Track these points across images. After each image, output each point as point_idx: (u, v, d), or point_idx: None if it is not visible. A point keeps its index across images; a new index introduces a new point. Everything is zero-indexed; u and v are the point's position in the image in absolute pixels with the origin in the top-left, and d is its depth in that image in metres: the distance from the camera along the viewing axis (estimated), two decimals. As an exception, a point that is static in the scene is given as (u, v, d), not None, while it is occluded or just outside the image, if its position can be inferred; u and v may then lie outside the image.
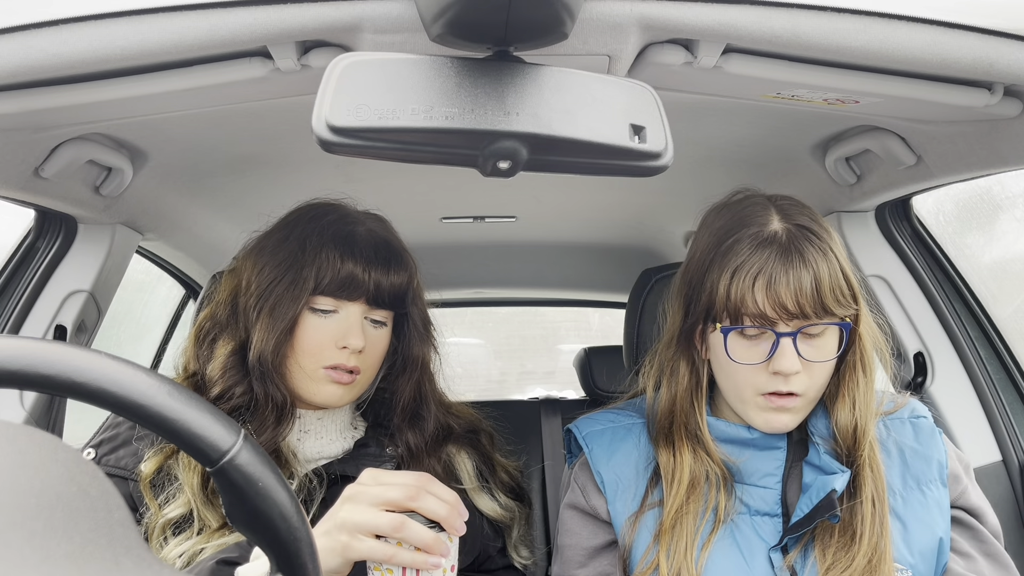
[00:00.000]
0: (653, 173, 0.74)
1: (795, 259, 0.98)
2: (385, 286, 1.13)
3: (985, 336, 1.58)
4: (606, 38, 0.83)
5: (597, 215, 2.12)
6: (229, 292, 1.18)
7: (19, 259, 1.50)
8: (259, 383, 1.10)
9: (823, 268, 0.98)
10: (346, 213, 1.18)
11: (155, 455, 1.07)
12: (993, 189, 2.18)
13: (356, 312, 1.12)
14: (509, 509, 1.24)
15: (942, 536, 1.05)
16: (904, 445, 1.10)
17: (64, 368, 0.50)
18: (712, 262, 1.03)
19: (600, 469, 1.12)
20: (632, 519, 1.08)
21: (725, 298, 1.00)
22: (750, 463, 1.07)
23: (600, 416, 1.19)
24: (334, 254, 1.10)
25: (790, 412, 1.03)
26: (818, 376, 1.02)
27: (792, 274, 0.97)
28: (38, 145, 1.16)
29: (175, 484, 1.06)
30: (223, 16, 0.81)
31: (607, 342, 2.51)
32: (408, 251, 1.20)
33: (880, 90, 0.99)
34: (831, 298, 0.98)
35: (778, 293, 0.97)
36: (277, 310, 1.10)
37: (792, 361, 0.99)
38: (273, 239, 1.16)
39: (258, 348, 1.09)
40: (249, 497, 0.52)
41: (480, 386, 5.17)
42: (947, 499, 1.07)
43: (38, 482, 0.40)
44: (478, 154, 0.70)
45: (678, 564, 1.02)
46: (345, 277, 1.10)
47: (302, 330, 1.10)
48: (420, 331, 1.21)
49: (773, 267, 0.98)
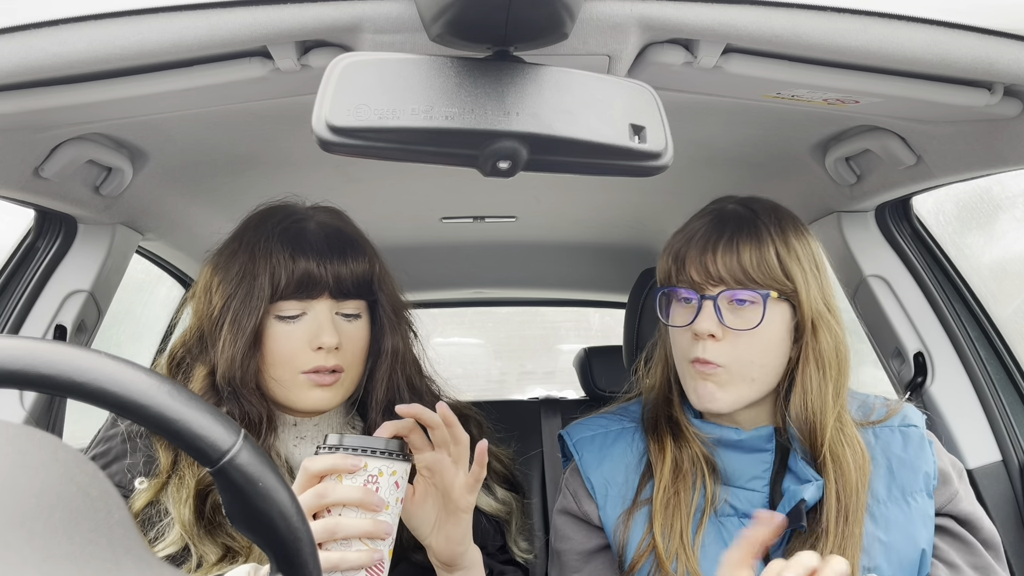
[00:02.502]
0: (653, 173, 0.74)
1: (728, 228, 1.06)
2: (346, 276, 1.08)
3: (985, 336, 1.57)
4: (606, 38, 0.83)
5: (597, 215, 2.12)
6: (196, 316, 1.14)
7: (19, 259, 1.50)
8: (233, 403, 1.07)
9: (751, 240, 1.04)
10: (292, 212, 1.15)
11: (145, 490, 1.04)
12: (993, 189, 2.18)
13: (324, 309, 1.08)
14: (506, 503, 1.22)
15: (924, 548, 1.04)
16: (892, 454, 1.09)
17: (64, 368, 0.50)
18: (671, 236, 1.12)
19: (590, 475, 1.12)
20: (625, 516, 1.08)
21: (666, 263, 1.10)
22: (737, 465, 1.08)
23: (590, 422, 1.20)
24: (285, 255, 1.06)
25: (715, 383, 1.04)
26: (744, 350, 1.04)
27: (721, 241, 1.04)
28: (38, 145, 1.16)
29: (166, 519, 1.03)
30: (223, 16, 0.81)
31: (607, 342, 2.51)
32: (364, 237, 1.16)
33: (880, 90, 0.99)
34: (752, 267, 1.03)
35: (704, 257, 1.05)
36: (236, 325, 1.06)
37: (709, 323, 1.03)
38: (225, 254, 1.13)
39: (223, 368, 1.06)
40: (249, 497, 0.52)
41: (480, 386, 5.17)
42: (931, 510, 1.06)
43: (38, 482, 0.40)
44: (478, 154, 0.70)
45: (675, 547, 1.03)
46: (301, 276, 1.06)
47: (270, 340, 1.07)
48: (391, 318, 1.15)
49: (707, 232, 1.06)
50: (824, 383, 1.05)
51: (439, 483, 0.95)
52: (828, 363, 1.05)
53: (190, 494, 1.02)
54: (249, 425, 1.07)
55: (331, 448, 0.87)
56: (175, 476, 1.05)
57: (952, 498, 1.08)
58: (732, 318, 1.04)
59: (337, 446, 0.87)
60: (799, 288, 1.04)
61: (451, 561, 0.98)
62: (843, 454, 1.04)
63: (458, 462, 0.94)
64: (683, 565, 1.02)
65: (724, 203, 1.13)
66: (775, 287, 1.04)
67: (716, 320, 1.04)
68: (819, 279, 1.08)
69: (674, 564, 1.02)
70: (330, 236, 1.11)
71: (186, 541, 1.01)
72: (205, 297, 1.12)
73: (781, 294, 1.04)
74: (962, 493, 1.09)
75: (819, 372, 1.05)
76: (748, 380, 1.05)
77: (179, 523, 1.01)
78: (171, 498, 1.04)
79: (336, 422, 1.18)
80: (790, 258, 1.05)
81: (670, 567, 1.02)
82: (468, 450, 0.95)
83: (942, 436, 1.50)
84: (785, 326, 1.06)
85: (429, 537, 0.96)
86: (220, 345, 1.07)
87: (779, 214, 1.10)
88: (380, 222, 1.23)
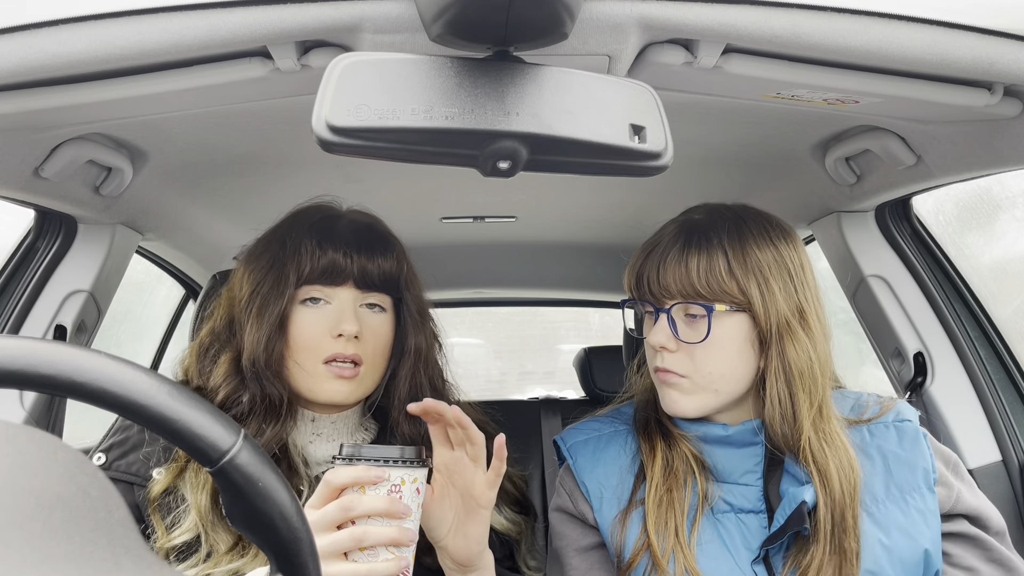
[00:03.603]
0: (653, 173, 0.74)
1: (681, 240, 1.06)
2: (372, 269, 1.10)
3: (985, 336, 1.58)
4: (606, 38, 0.83)
5: (597, 215, 2.12)
6: (226, 306, 1.17)
7: (19, 259, 1.50)
8: (256, 384, 1.09)
9: (701, 252, 1.04)
10: (327, 210, 1.18)
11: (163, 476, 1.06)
12: (993, 189, 2.18)
13: (347, 298, 1.10)
14: (515, 523, 1.22)
15: (928, 547, 1.03)
16: (887, 451, 1.08)
17: (64, 368, 0.50)
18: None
19: (584, 479, 1.13)
20: (621, 516, 1.08)
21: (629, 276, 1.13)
22: (729, 461, 1.08)
23: (583, 426, 1.20)
24: (313, 244, 1.09)
25: (679, 392, 1.06)
26: (702, 361, 1.04)
27: (671, 254, 1.06)
28: (38, 145, 1.16)
29: (182, 506, 1.04)
30: (223, 16, 0.81)
31: (607, 342, 2.51)
32: (395, 236, 1.18)
33: (880, 90, 0.99)
34: (699, 280, 1.03)
35: (657, 271, 1.06)
36: (265, 309, 1.08)
37: (660, 336, 1.06)
38: (259, 246, 1.16)
39: (250, 350, 1.08)
40: (249, 497, 0.52)
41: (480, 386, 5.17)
42: (935, 505, 1.05)
43: (38, 482, 0.40)
44: (478, 154, 0.70)
45: (670, 545, 1.03)
46: (327, 264, 1.08)
47: (295, 325, 1.09)
48: (415, 319, 1.17)
49: (664, 245, 1.07)
50: (794, 393, 1.03)
51: (458, 482, 0.96)
52: (798, 374, 1.03)
53: (207, 480, 1.04)
54: (270, 407, 1.09)
55: (348, 459, 0.88)
56: (193, 462, 1.06)
57: (955, 497, 1.07)
58: (686, 330, 1.05)
59: (354, 457, 0.88)
60: (753, 300, 1.03)
61: (468, 561, 0.97)
62: (825, 464, 1.02)
63: (476, 460, 0.95)
64: (681, 563, 1.02)
65: (691, 213, 1.12)
66: (723, 300, 1.03)
67: (669, 332, 1.05)
68: (790, 287, 1.05)
69: (671, 563, 1.02)
70: (359, 230, 1.13)
71: (199, 530, 1.02)
72: (236, 286, 1.15)
73: (732, 307, 1.03)
74: (963, 488, 1.08)
75: (786, 383, 1.04)
76: (711, 391, 1.06)
77: (195, 509, 1.03)
78: (188, 484, 1.05)
79: (352, 422, 1.19)
80: (743, 269, 1.03)
81: (667, 565, 1.02)
82: (484, 449, 0.96)
83: (942, 436, 1.50)
84: (743, 336, 1.05)
85: (446, 538, 0.96)
86: (247, 328, 1.09)
87: (744, 222, 1.08)
88: (380, 222, 1.23)
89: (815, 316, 1.07)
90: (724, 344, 1.04)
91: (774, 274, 1.05)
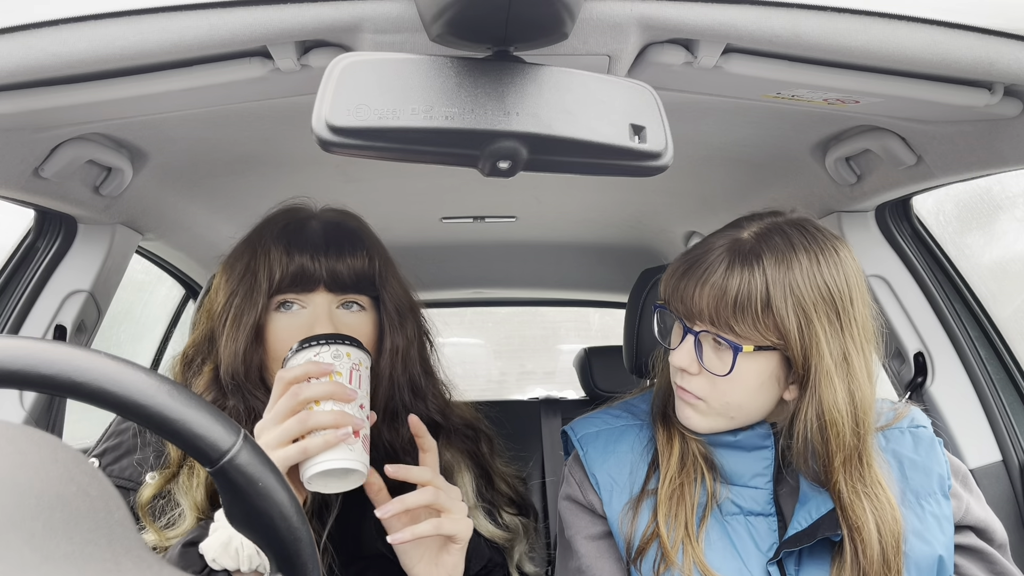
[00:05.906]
0: (653, 173, 0.74)
1: (724, 262, 0.97)
2: (342, 270, 1.08)
3: (985, 336, 1.58)
4: (606, 38, 0.83)
5: (597, 215, 2.12)
6: (205, 317, 1.16)
7: (19, 259, 1.50)
8: (238, 398, 1.07)
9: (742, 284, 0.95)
10: (298, 212, 1.16)
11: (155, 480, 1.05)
12: (993, 189, 2.18)
13: (321, 302, 1.08)
14: (511, 529, 1.19)
15: (942, 554, 1.02)
16: (903, 456, 1.08)
17: (64, 368, 0.50)
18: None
19: (595, 471, 1.12)
20: (633, 504, 1.08)
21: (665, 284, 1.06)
22: (739, 464, 1.07)
23: (594, 418, 1.19)
24: (280, 251, 1.08)
25: (693, 410, 1.04)
26: (722, 391, 1.00)
27: (712, 277, 0.97)
28: (38, 145, 1.16)
29: (176, 510, 1.03)
30: (223, 16, 0.81)
31: (607, 342, 2.51)
32: (368, 232, 1.16)
33: (880, 90, 0.99)
34: (732, 313, 0.95)
35: (693, 291, 0.99)
36: (239, 320, 1.07)
37: (682, 357, 1.01)
38: (234, 254, 1.15)
39: (227, 362, 1.07)
40: (249, 497, 0.52)
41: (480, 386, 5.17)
42: (949, 511, 1.05)
43: (38, 482, 0.40)
44: (478, 154, 0.70)
45: (679, 537, 1.03)
46: (296, 271, 1.06)
47: (271, 332, 1.08)
48: (393, 317, 1.13)
49: (707, 264, 0.98)
50: (827, 439, 0.97)
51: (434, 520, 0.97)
52: (831, 422, 0.96)
53: (201, 482, 1.03)
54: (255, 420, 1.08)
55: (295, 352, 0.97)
56: (186, 467, 1.06)
57: (965, 509, 1.07)
58: (711, 357, 1.00)
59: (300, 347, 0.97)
60: (790, 341, 0.95)
61: None
62: (861, 519, 0.96)
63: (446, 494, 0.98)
64: (689, 556, 1.02)
65: (741, 231, 1.02)
66: (755, 339, 0.96)
67: (694, 356, 1.00)
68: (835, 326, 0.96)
69: (680, 555, 1.02)
70: (328, 232, 1.11)
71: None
72: (213, 296, 1.14)
73: (763, 347, 0.97)
74: (971, 500, 1.08)
75: (819, 430, 0.97)
76: (727, 417, 1.03)
77: (193, 510, 1.02)
78: (181, 489, 1.04)
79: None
80: (784, 306, 0.94)
81: (675, 557, 1.02)
82: (437, 458, 1.01)
83: (942, 436, 1.50)
84: (769, 373, 0.99)
85: (417, 567, 0.98)
86: (223, 340, 1.08)
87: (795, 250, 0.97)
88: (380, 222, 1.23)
89: (862, 360, 0.99)
90: (747, 379, 0.99)
91: (819, 313, 0.95)
